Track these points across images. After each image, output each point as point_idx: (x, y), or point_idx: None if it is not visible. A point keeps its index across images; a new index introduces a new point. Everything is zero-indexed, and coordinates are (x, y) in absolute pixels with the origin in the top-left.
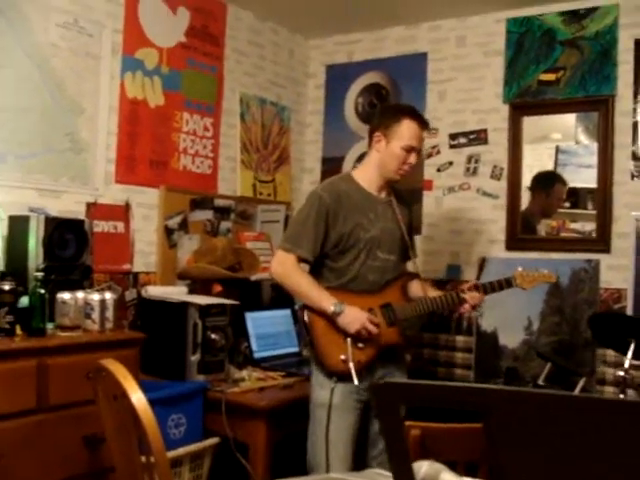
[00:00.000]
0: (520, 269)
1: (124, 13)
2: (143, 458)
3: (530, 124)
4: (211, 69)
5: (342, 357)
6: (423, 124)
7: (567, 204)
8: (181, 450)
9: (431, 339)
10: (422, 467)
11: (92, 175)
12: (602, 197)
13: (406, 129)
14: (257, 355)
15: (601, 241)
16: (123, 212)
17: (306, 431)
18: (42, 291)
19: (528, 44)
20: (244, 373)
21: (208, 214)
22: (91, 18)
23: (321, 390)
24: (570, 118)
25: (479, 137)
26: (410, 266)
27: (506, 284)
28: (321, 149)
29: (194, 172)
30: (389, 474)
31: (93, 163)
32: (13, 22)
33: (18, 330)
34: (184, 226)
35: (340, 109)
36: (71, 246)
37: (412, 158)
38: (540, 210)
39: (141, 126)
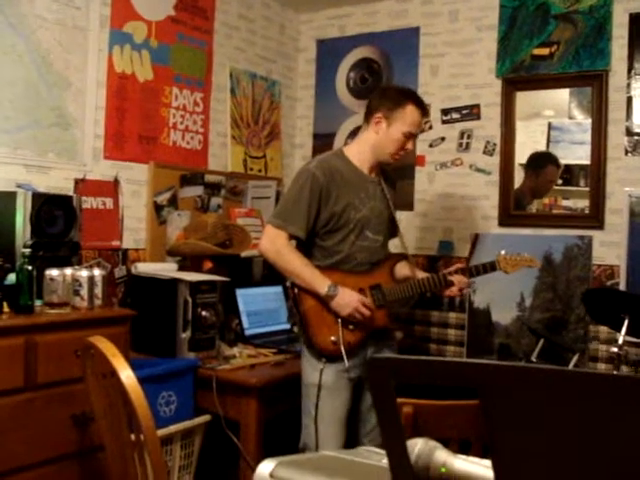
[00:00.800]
0: (503, 252)
1: None
2: (133, 436)
3: (523, 101)
4: (200, 43)
5: (332, 338)
6: (424, 111)
7: (559, 181)
8: (172, 428)
9: (423, 316)
10: (416, 445)
11: (80, 151)
12: (596, 173)
13: (409, 115)
14: (248, 332)
15: (594, 217)
16: (112, 188)
17: (297, 409)
18: (29, 268)
19: (522, 18)
20: (235, 350)
21: (198, 190)
22: None
23: (311, 370)
24: (563, 93)
25: (472, 112)
26: (398, 244)
27: (490, 268)
28: (312, 124)
29: (184, 148)
30: (381, 451)
31: (81, 138)
32: None
33: (5, 307)
34: (174, 202)
35: (331, 84)
36: (59, 222)
37: (410, 144)
38: (531, 190)
39: (130, 101)
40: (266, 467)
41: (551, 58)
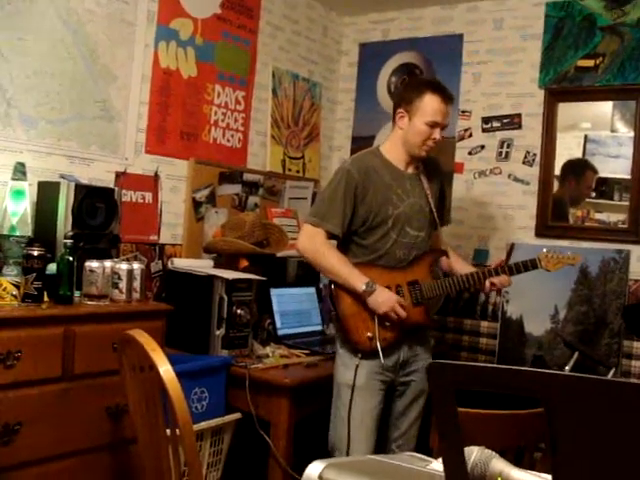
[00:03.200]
0: (545, 250)
1: None
2: (168, 430)
3: (565, 112)
4: (245, 42)
5: (369, 334)
6: (447, 98)
7: (593, 194)
8: (203, 424)
9: (455, 323)
10: (472, 453)
11: (122, 144)
12: (637, 187)
13: (429, 104)
14: (281, 332)
15: (633, 232)
16: (152, 183)
17: (326, 410)
18: (70, 258)
19: (567, 29)
20: (268, 350)
21: (236, 188)
22: None
23: (345, 370)
24: (605, 106)
25: (513, 121)
26: (445, 229)
27: (531, 265)
28: (351, 127)
29: (224, 145)
30: (425, 457)
31: (124, 132)
32: None
33: (45, 297)
34: (212, 199)
35: (372, 88)
36: (100, 214)
37: (436, 134)
38: (569, 197)
39: (173, 97)
40: (315, 468)
41: (596, 70)
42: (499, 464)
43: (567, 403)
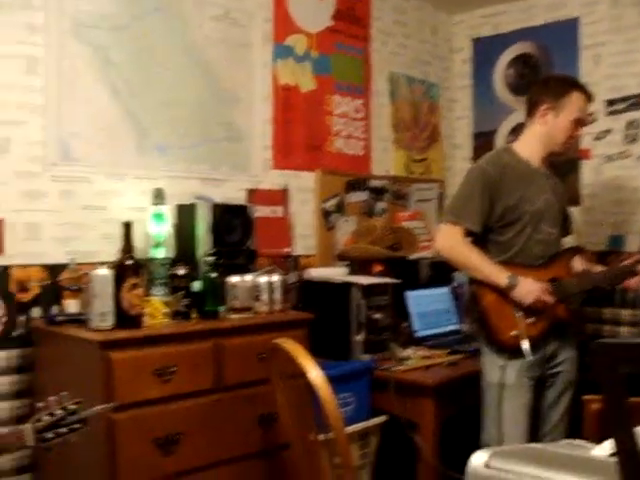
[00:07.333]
0: None
1: (273, 2)
2: (321, 435)
3: None
4: (358, 51)
5: (514, 332)
6: (590, 97)
7: None
8: (349, 428)
9: (594, 313)
10: None
11: (250, 162)
12: None
13: (576, 102)
14: (418, 334)
15: None
16: (281, 197)
17: (473, 408)
18: (214, 275)
19: None
20: (408, 352)
21: (363, 195)
22: (242, 9)
23: (492, 369)
24: None
25: (639, 102)
26: (570, 240)
27: None
28: (471, 124)
29: (348, 154)
30: (587, 444)
31: (251, 151)
32: (171, 19)
33: (193, 313)
34: (340, 208)
35: (489, 82)
36: (237, 231)
37: (579, 131)
38: None
39: (294, 112)
40: (479, 458)
41: None
42: None
43: None
